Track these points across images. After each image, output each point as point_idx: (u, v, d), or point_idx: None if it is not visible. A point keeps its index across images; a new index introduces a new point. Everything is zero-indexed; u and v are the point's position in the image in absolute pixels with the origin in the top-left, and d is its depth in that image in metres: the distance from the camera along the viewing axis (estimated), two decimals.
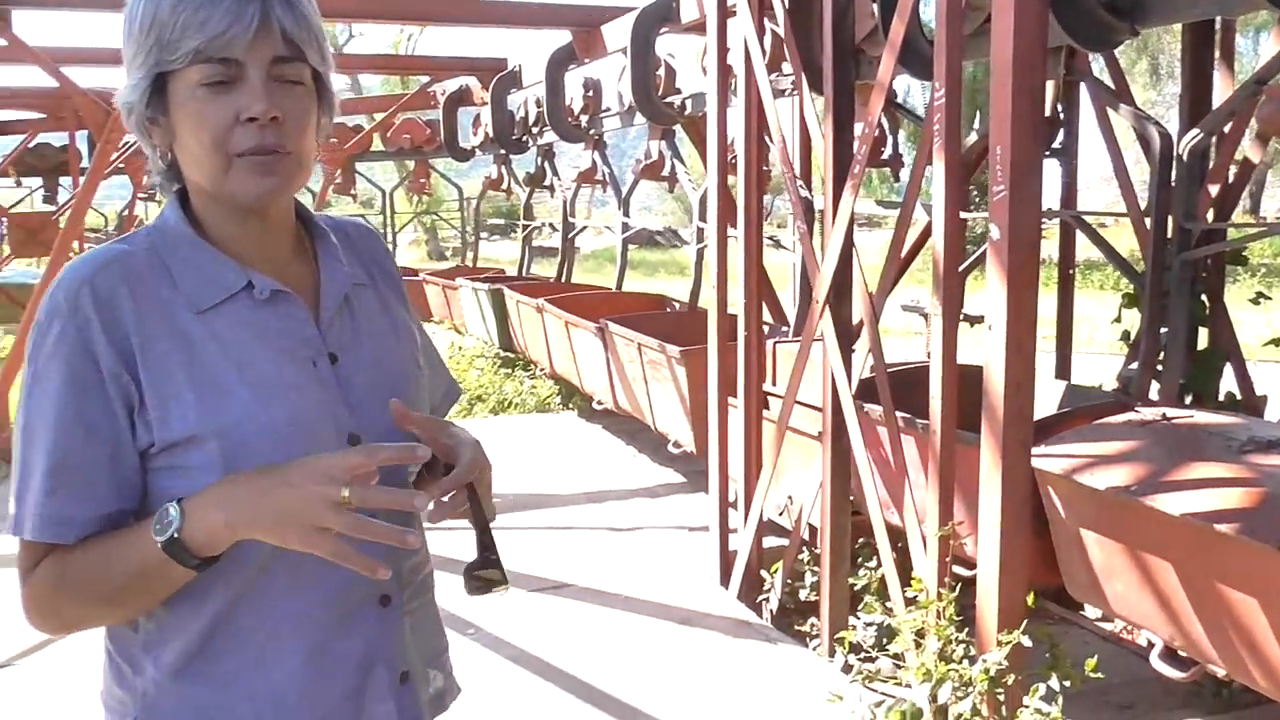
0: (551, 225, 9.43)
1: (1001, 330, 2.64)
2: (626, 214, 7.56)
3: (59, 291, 1.14)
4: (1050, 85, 3.99)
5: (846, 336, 3.47)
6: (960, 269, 3.45)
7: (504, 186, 10.18)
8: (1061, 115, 4.25)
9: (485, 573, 1.16)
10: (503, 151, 9.37)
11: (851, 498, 3.82)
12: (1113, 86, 3.96)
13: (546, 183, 8.99)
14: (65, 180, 13.08)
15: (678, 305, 7.47)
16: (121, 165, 10.45)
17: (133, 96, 1.17)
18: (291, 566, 1.16)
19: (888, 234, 3.81)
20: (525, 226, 10.04)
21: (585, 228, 9.09)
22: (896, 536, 3.51)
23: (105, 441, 1.13)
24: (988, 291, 2.68)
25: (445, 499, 1.18)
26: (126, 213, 13.72)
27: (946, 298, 2.90)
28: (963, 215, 2.89)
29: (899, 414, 3.47)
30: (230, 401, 1.15)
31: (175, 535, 1.09)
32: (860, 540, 4.03)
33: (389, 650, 1.26)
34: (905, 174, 5.55)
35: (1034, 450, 2.84)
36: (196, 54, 1.12)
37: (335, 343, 1.25)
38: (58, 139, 12.79)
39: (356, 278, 1.32)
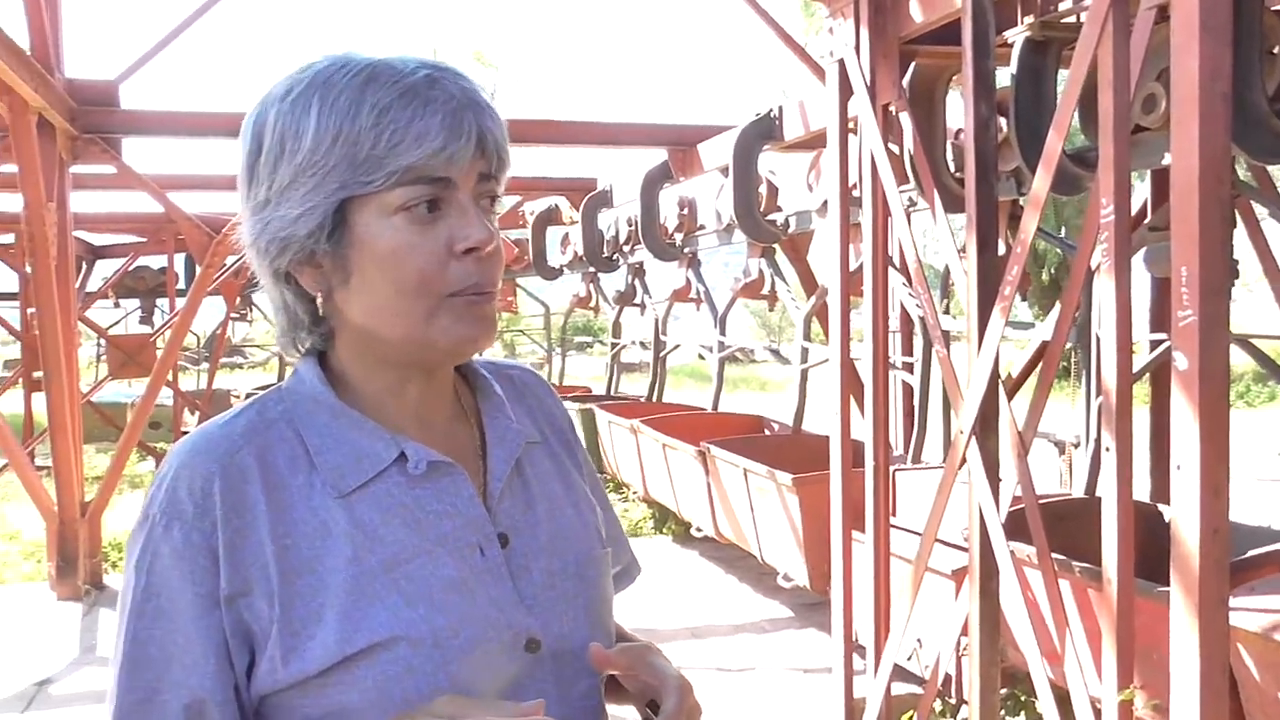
0: (642, 343, 9.29)
1: (1195, 470, 2.35)
2: (723, 332, 7.38)
3: (182, 485, 0.93)
4: None
5: (994, 470, 3.19)
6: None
7: (592, 304, 10.11)
8: None
9: None
10: (591, 269, 9.34)
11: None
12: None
13: (637, 300, 8.89)
14: (161, 302, 13.38)
15: (776, 427, 7.21)
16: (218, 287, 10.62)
17: (296, 228, 0.93)
18: None
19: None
20: (614, 345, 9.93)
21: (678, 346, 8.92)
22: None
23: (231, 676, 0.93)
24: (1175, 426, 2.40)
25: None
26: (219, 332, 13.94)
27: (1120, 434, 2.62)
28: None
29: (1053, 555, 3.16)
30: (378, 613, 0.92)
31: None
32: (1003, 691, 3.68)
33: None
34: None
35: None
36: (406, 173, 0.91)
37: (506, 521, 1.01)
38: (155, 261, 13.12)
39: (528, 435, 1.09)
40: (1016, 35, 3.35)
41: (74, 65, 6.35)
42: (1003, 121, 3.55)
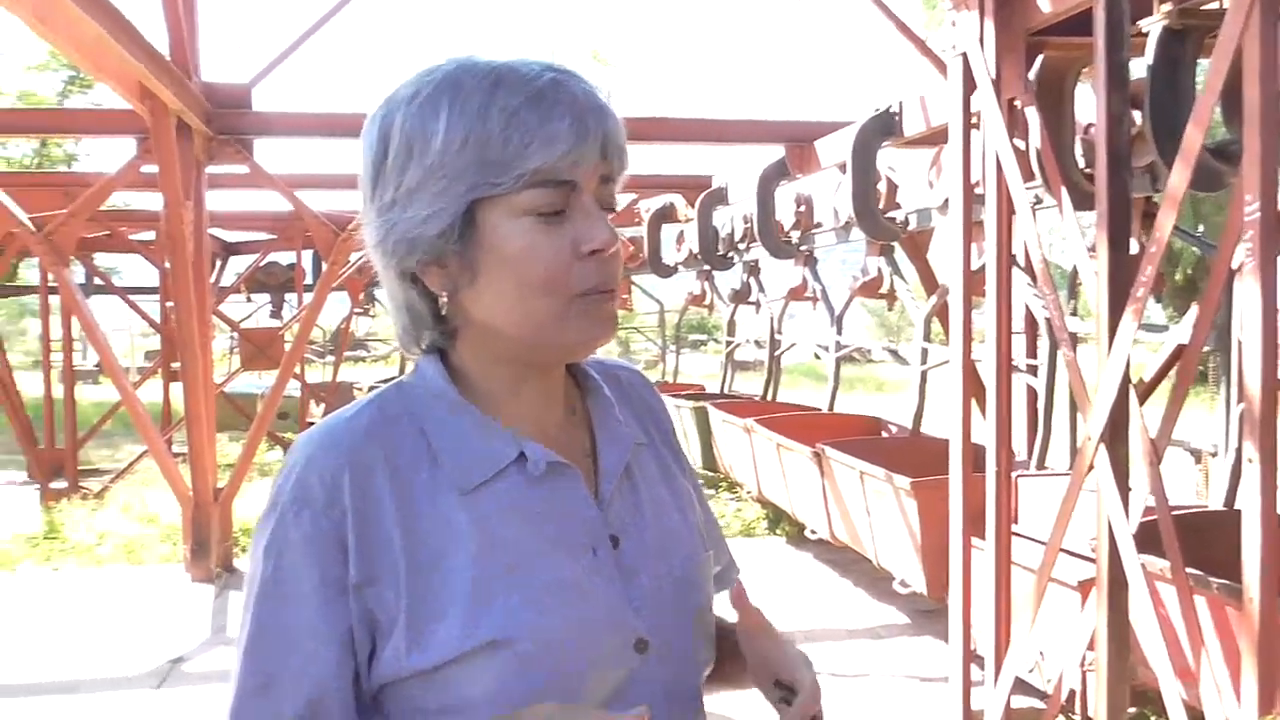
0: (757, 342, 9.23)
1: None
2: (840, 332, 7.27)
3: (312, 474, 0.95)
4: None
5: (1124, 478, 3.06)
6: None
7: (706, 302, 10.09)
8: None
9: None
10: (706, 267, 9.31)
11: None
12: None
13: (752, 298, 8.83)
14: (290, 296, 13.86)
15: (894, 429, 7.07)
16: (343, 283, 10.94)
17: (425, 229, 0.94)
18: None
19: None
20: (729, 343, 9.88)
21: (794, 345, 8.83)
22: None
23: (352, 664, 0.95)
24: None
25: None
26: (344, 326, 14.39)
27: (1264, 444, 2.49)
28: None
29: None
30: (498, 611, 0.93)
31: None
32: (1131, 710, 3.53)
33: None
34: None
35: None
36: (535, 174, 0.92)
37: (616, 523, 1.02)
38: (284, 257, 13.60)
39: (636, 437, 1.10)
40: (1152, 24, 3.21)
41: (209, 69, 6.60)
42: (1135, 115, 3.41)
